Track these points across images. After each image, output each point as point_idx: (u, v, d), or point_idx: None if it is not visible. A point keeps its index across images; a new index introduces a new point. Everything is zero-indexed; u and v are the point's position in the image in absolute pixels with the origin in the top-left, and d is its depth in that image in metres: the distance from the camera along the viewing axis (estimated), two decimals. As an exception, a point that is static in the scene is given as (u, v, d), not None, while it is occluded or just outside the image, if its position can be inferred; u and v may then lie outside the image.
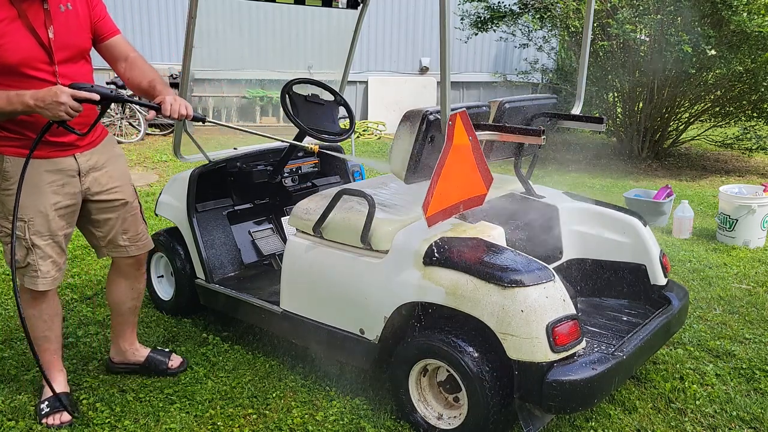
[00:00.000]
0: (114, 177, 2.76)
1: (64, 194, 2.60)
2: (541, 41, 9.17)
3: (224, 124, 2.95)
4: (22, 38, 2.36)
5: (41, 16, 2.40)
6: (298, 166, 3.89)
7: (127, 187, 2.82)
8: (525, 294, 2.31)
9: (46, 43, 2.41)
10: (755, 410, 2.83)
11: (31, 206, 2.53)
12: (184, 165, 3.82)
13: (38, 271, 2.60)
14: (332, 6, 3.76)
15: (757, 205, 5.01)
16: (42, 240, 2.58)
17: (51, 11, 2.42)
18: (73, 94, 2.30)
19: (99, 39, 2.63)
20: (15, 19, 2.35)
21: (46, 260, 2.60)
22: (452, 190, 2.46)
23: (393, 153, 2.58)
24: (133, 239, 2.87)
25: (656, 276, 3.03)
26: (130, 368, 3.10)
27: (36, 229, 2.55)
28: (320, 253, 2.84)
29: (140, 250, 2.91)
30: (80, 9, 2.53)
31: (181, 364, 3.13)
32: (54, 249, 2.62)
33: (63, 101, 2.26)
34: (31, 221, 2.54)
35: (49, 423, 2.68)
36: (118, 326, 3.06)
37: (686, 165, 8.46)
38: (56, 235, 2.61)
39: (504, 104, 2.93)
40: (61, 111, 2.27)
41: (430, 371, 2.63)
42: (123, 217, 2.81)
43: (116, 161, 2.80)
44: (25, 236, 2.55)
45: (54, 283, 2.66)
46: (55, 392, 2.72)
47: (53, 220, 2.58)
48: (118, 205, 2.78)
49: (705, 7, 7.02)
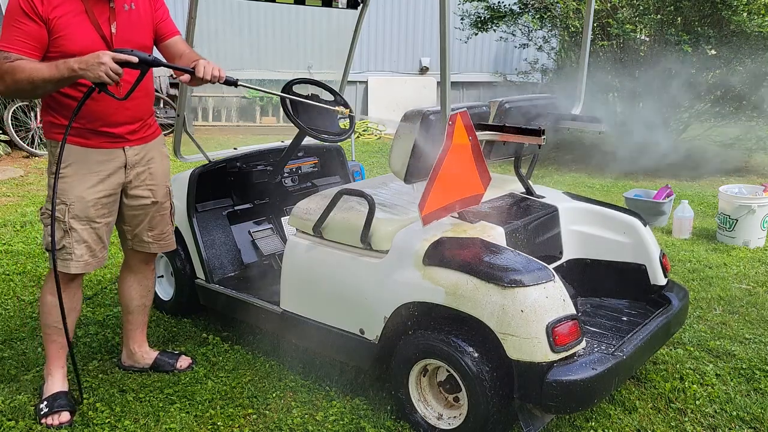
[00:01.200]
0: (154, 175, 2.87)
1: (108, 184, 2.71)
2: (541, 41, 9.17)
3: (256, 88, 2.95)
4: (85, 31, 2.51)
5: (106, 13, 2.57)
6: (298, 166, 3.89)
7: (161, 188, 2.92)
8: (525, 294, 2.31)
9: (108, 37, 2.57)
10: (755, 410, 2.83)
11: (74, 191, 2.63)
12: (184, 165, 3.81)
13: (72, 254, 2.67)
14: (332, 6, 3.76)
15: (757, 205, 5.01)
16: (80, 224, 2.66)
17: (116, 9, 2.59)
18: (114, 56, 2.39)
19: (160, 39, 2.79)
20: (80, 13, 2.50)
21: (81, 244, 2.68)
22: (449, 189, 2.46)
23: (393, 153, 2.58)
24: (158, 238, 2.98)
25: (656, 276, 3.03)
26: (140, 371, 3.13)
27: (75, 213, 2.64)
28: (320, 253, 2.84)
29: (162, 249, 3.03)
30: (143, 9, 2.70)
31: (189, 365, 3.16)
32: (90, 235, 2.70)
33: (104, 61, 2.35)
34: (73, 205, 2.64)
35: (49, 423, 2.68)
36: (129, 325, 3.13)
37: (686, 165, 8.46)
38: (94, 221, 2.70)
39: (504, 104, 2.92)
40: (101, 71, 2.34)
41: (430, 371, 2.63)
42: (152, 215, 2.92)
43: (161, 161, 2.92)
44: (65, 219, 2.64)
45: (86, 267, 2.72)
46: (76, 395, 2.77)
47: (93, 207, 2.67)
48: (149, 203, 2.89)
49: (705, 7, 7.02)
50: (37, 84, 2.41)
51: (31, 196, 6.61)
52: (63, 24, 2.46)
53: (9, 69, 2.40)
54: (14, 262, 4.57)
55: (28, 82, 2.40)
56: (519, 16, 8.63)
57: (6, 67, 2.41)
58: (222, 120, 11.13)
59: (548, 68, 10.19)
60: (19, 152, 8.54)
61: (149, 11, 2.73)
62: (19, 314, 3.74)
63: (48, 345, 2.82)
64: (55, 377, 2.81)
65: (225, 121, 11.11)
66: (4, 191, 6.77)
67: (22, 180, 7.36)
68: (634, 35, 7.26)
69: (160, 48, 2.82)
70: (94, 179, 2.66)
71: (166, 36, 2.81)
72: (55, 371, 2.82)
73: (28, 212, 5.90)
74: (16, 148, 8.56)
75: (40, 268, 4.47)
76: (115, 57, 2.38)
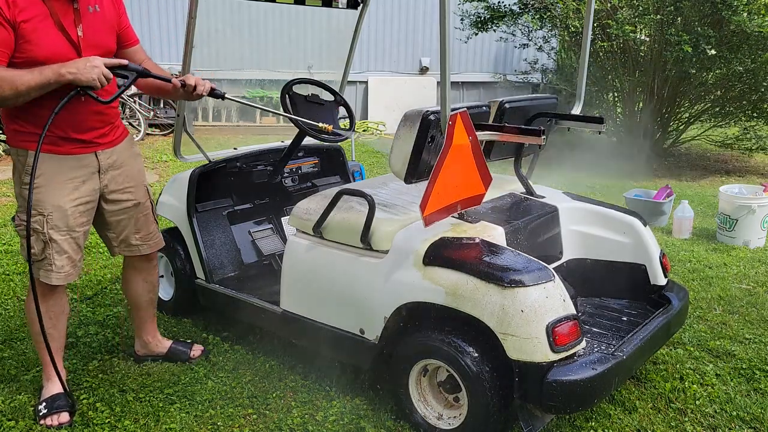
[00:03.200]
0: (130, 176, 2.85)
1: (84, 191, 2.66)
2: (541, 41, 9.17)
3: (245, 102, 3.01)
4: (52, 35, 2.44)
5: (71, 15, 2.49)
6: (298, 166, 3.89)
7: (140, 188, 2.90)
8: (525, 294, 2.31)
9: (76, 40, 2.50)
10: (755, 410, 2.83)
11: (50, 201, 2.58)
12: (184, 165, 3.82)
13: (53, 265, 2.64)
14: (332, 6, 3.76)
15: (757, 205, 5.01)
16: (59, 235, 2.62)
17: (80, 11, 2.52)
18: (105, 61, 2.42)
19: (121, 45, 2.76)
20: (46, 17, 2.43)
21: (61, 255, 2.64)
22: (450, 189, 2.46)
23: (393, 153, 2.58)
24: (145, 239, 2.97)
25: (656, 276, 3.03)
26: (155, 359, 3.22)
27: (54, 223, 2.60)
28: (320, 253, 2.84)
29: (151, 249, 3.02)
30: (107, 12, 2.64)
31: (202, 352, 3.26)
32: (70, 245, 2.67)
33: (97, 65, 2.38)
34: (50, 215, 2.59)
35: (48, 424, 2.68)
36: (139, 320, 3.17)
37: (686, 165, 8.47)
38: (74, 230, 2.66)
39: (504, 104, 2.93)
40: (94, 74, 2.37)
41: (430, 371, 2.63)
42: (135, 218, 2.90)
43: (134, 161, 2.89)
44: (43, 230, 2.59)
45: (67, 278, 2.69)
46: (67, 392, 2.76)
47: (72, 216, 2.63)
48: (131, 206, 2.87)
49: (705, 7, 7.02)
50: (21, 91, 2.34)
51: (31, 196, 6.60)
52: (29, 29, 2.38)
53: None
54: (14, 262, 4.57)
55: (11, 90, 2.33)
56: (519, 16, 8.63)
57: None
58: (222, 120, 11.13)
59: (548, 68, 10.20)
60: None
61: (114, 15, 2.68)
62: (19, 314, 3.74)
63: (40, 352, 2.81)
64: (53, 380, 2.80)
65: (225, 121, 11.11)
66: (4, 191, 6.77)
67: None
68: (633, 36, 7.26)
69: (121, 55, 2.76)
70: (70, 186, 2.61)
71: (129, 44, 2.79)
72: (52, 375, 2.81)
73: (28, 212, 5.90)
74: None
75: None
76: (106, 62, 2.41)
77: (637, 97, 8.33)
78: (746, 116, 8.25)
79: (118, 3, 2.72)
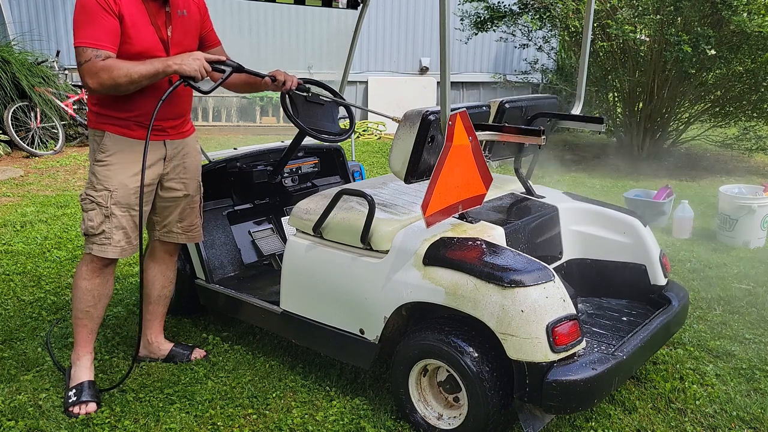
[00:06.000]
0: (188, 169, 3.02)
1: (149, 174, 2.81)
2: (541, 41, 9.17)
3: (333, 99, 3.14)
4: (147, 33, 2.66)
5: (163, 17, 2.73)
6: (298, 166, 3.89)
7: (194, 181, 3.07)
8: (525, 294, 2.31)
9: (165, 39, 2.73)
10: (755, 410, 2.83)
11: (118, 179, 2.75)
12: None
13: (111, 239, 2.77)
14: (332, 6, 3.76)
15: (757, 205, 5.01)
16: (120, 210, 2.76)
17: (171, 14, 2.75)
18: (206, 56, 2.64)
19: (205, 46, 2.98)
20: (144, 15, 2.65)
21: (119, 230, 2.78)
22: (452, 190, 2.46)
23: (393, 153, 2.58)
24: (186, 229, 3.11)
25: (656, 276, 3.03)
26: (154, 361, 3.23)
27: (117, 199, 2.75)
28: (320, 253, 2.84)
29: (189, 240, 3.16)
30: (194, 16, 2.87)
31: (203, 357, 3.25)
32: (128, 222, 2.80)
33: (199, 57, 2.60)
34: (115, 191, 2.75)
35: (76, 412, 2.75)
36: (148, 315, 3.22)
37: (686, 165, 8.46)
38: (133, 208, 2.80)
39: (504, 104, 2.93)
40: (196, 66, 2.57)
41: (430, 371, 2.63)
42: (182, 208, 3.05)
43: (195, 156, 3.07)
44: (107, 204, 2.74)
45: (122, 253, 2.81)
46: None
47: (134, 195, 2.78)
48: (181, 196, 3.02)
49: (705, 7, 7.02)
50: (135, 80, 2.53)
51: (31, 196, 6.61)
52: (130, 23, 2.58)
53: (104, 66, 2.49)
54: (14, 262, 4.57)
55: (127, 79, 2.51)
56: (519, 16, 8.63)
57: (101, 65, 2.49)
58: (222, 120, 11.13)
59: (548, 68, 10.20)
60: (19, 152, 8.55)
61: (199, 19, 2.89)
62: (19, 314, 3.74)
63: (78, 330, 2.89)
64: (82, 363, 2.89)
65: (225, 121, 11.11)
66: (4, 191, 6.78)
67: (22, 180, 7.36)
68: (633, 36, 7.25)
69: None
70: (137, 168, 2.75)
71: (210, 45, 2.99)
72: (82, 356, 2.90)
73: (28, 212, 5.91)
74: (16, 148, 8.57)
75: (40, 268, 4.47)
76: (207, 57, 2.63)
77: (637, 97, 8.33)
78: (746, 116, 8.24)
79: (203, 9, 2.94)
